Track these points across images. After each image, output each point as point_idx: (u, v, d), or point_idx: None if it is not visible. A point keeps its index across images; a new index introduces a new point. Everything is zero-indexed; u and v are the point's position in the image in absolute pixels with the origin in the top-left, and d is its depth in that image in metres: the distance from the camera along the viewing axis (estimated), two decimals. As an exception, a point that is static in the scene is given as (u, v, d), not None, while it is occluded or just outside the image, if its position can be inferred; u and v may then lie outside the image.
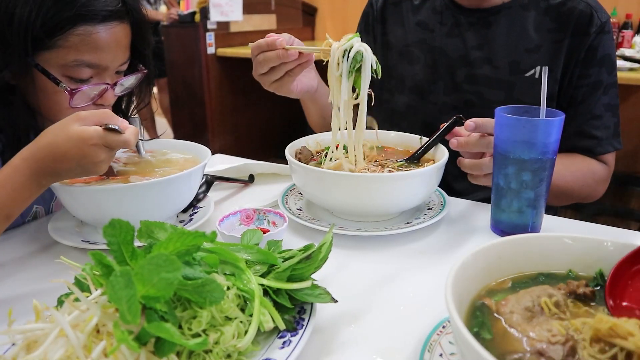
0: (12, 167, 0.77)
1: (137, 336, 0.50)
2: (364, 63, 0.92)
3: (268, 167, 1.25)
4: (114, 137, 0.77)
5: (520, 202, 0.89)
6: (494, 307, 0.53)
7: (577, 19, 1.18)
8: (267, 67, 1.01)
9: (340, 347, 0.64)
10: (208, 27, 3.94)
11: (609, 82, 1.21)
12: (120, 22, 0.94)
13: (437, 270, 0.83)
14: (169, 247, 0.55)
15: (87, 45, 0.90)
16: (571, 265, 0.60)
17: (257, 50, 1.01)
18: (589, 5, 1.19)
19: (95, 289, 0.55)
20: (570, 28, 1.18)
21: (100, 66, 0.93)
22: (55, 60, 0.90)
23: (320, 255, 0.65)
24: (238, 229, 0.90)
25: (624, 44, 3.36)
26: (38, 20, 0.86)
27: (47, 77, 0.90)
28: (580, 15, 1.18)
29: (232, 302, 0.57)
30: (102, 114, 0.78)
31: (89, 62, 0.91)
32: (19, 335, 0.53)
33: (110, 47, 0.93)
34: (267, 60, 1.00)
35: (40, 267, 0.85)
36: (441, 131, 1.03)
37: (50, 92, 0.92)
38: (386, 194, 0.91)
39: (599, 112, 1.21)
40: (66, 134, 0.76)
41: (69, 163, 0.77)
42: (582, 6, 1.19)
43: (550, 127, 0.84)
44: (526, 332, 0.50)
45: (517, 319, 0.51)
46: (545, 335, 0.49)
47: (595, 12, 1.18)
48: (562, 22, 1.19)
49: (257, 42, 1.02)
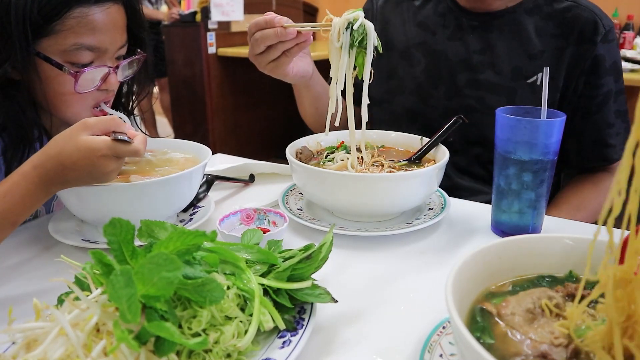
0: (22, 174, 0.78)
1: (137, 335, 0.50)
2: (368, 37, 0.89)
3: (268, 167, 1.25)
4: (123, 147, 0.78)
5: (521, 203, 0.89)
6: (494, 310, 0.53)
7: (582, 27, 1.17)
8: (264, 46, 1.00)
9: (341, 347, 0.64)
10: (209, 27, 3.94)
11: (618, 89, 1.21)
12: (114, 3, 0.95)
13: (437, 270, 0.83)
14: (169, 246, 0.55)
15: (84, 27, 0.91)
16: (572, 266, 0.60)
17: (255, 27, 1.00)
18: (594, 12, 1.18)
19: (95, 288, 0.55)
20: (574, 35, 1.17)
21: (100, 49, 0.94)
22: (56, 47, 0.91)
23: (320, 255, 0.65)
24: (238, 228, 0.90)
25: (626, 46, 3.36)
26: (34, 6, 0.87)
27: (49, 63, 0.91)
28: (585, 24, 1.16)
29: (232, 301, 0.57)
30: (110, 121, 0.79)
31: (88, 44, 0.92)
32: (19, 334, 0.53)
33: (108, 28, 0.94)
34: (264, 37, 0.99)
35: (40, 266, 0.85)
36: (442, 132, 1.03)
37: (54, 80, 0.93)
38: (387, 194, 0.90)
39: (611, 120, 1.21)
40: (75, 145, 0.76)
41: (78, 172, 0.77)
42: (587, 14, 1.17)
43: (551, 128, 0.84)
44: (528, 334, 0.49)
45: (519, 320, 0.51)
46: (548, 337, 0.48)
47: (600, 20, 1.17)
48: (566, 28, 1.18)
49: (255, 20, 1.01)
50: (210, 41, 3.97)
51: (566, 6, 1.19)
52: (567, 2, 1.20)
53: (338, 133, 1.13)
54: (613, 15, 3.52)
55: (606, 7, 1.23)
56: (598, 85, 1.18)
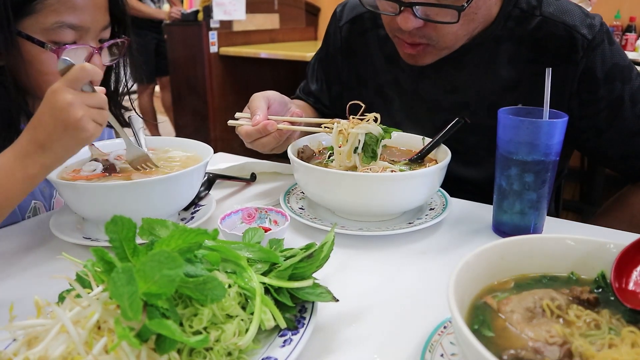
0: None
1: (138, 333, 0.50)
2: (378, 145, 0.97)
3: (270, 166, 1.25)
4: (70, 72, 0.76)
5: (523, 204, 0.89)
6: (496, 305, 0.53)
7: (557, 47, 1.04)
8: (268, 150, 1.03)
9: (341, 346, 0.64)
10: (211, 26, 3.95)
11: (634, 90, 1.05)
12: None
13: (438, 270, 0.83)
14: (170, 244, 0.55)
15: (65, 5, 0.92)
16: (573, 267, 0.60)
17: (250, 138, 1.02)
18: (567, 25, 1.04)
19: (96, 286, 0.55)
20: (549, 57, 1.05)
21: (82, 28, 0.94)
22: (37, 26, 0.92)
23: (321, 254, 0.65)
24: (240, 227, 0.90)
25: (628, 47, 3.36)
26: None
27: (31, 42, 0.91)
28: (559, 42, 1.04)
29: (234, 300, 0.57)
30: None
31: (69, 22, 0.93)
32: (20, 331, 0.53)
33: (89, 7, 0.95)
34: (266, 145, 1.02)
35: (41, 264, 0.85)
36: (444, 132, 1.02)
37: (36, 60, 0.94)
38: (388, 194, 0.90)
39: (635, 127, 1.07)
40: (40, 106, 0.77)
41: (45, 126, 0.76)
42: (560, 30, 1.04)
43: (553, 129, 0.84)
44: (524, 331, 0.50)
45: (518, 318, 0.51)
46: (544, 335, 0.49)
47: (577, 32, 1.03)
48: (540, 51, 1.06)
49: (245, 131, 1.01)
50: (212, 40, 3.98)
51: (536, 24, 1.06)
52: (537, 18, 1.06)
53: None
54: (615, 17, 3.53)
55: (608, 9, 1.22)
56: (597, 99, 1.05)
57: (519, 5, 1.08)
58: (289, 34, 4.67)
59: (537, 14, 1.07)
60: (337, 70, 1.33)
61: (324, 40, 1.37)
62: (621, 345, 0.47)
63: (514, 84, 1.10)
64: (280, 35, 4.58)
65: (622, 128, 1.07)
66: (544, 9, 1.07)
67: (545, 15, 1.06)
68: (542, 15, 1.06)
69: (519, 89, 1.09)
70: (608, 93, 1.05)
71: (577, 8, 1.07)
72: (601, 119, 1.07)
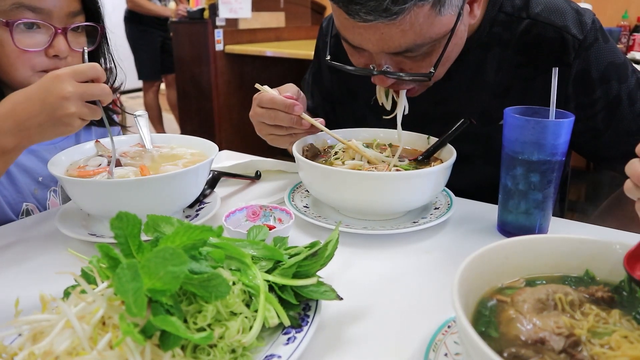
0: None
1: (142, 329, 0.50)
2: None
3: (275, 164, 1.25)
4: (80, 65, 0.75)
5: (528, 204, 0.88)
6: (509, 299, 0.53)
7: (548, 50, 1.01)
8: (273, 123, 1.00)
9: (345, 344, 0.64)
10: (217, 24, 3.95)
11: (631, 88, 1.03)
12: None
13: (442, 269, 0.83)
14: (175, 241, 0.55)
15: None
16: (579, 267, 0.60)
17: (270, 104, 0.98)
18: (556, 27, 1.00)
19: (101, 282, 0.55)
20: (541, 61, 1.02)
21: (43, 10, 0.93)
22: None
23: (326, 253, 0.65)
24: (244, 225, 0.90)
25: (635, 47, 3.34)
26: None
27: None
28: (550, 44, 1.01)
29: (238, 297, 0.57)
30: None
31: (28, 4, 0.91)
32: (25, 326, 0.53)
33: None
34: (278, 119, 0.99)
35: (47, 259, 0.85)
36: (449, 133, 1.02)
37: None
38: (393, 192, 0.90)
39: (634, 126, 1.04)
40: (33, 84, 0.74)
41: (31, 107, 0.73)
42: (549, 31, 1.00)
43: (560, 128, 0.83)
44: (532, 320, 0.50)
45: (527, 307, 0.51)
46: (551, 325, 0.49)
47: (568, 32, 0.99)
48: (530, 55, 1.03)
49: (270, 98, 0.98)
50: (218, 38, 3.98)
51: (524, 28, 1.02)
52: (525, 21, 1.02)
53: (345, 131, 1.13)
54: (623, 17, 3.50)
55: (616, 9, 1.20)
56: (594, 101, 1.02)
57: (503, 10, 1.04)
58: (295, 32, 4.66)
59: (524, 16, 1.03)
60: (329, 84, 1.33)
61: (314, 55, 1.37)
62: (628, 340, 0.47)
63: (505, 90, 1.07)
64: (285, 34, 4.58)
65: (621, 128, 1.05)
66: (531, 10, 1.03)
67: (533, 17, 1.02)
68: (529, 17, 1.03)
69: (510, 95, 1.07)
70: (605, 94, 1.02)
71: (567, 4, 1.03)
72: (599, 121, 1.05)
